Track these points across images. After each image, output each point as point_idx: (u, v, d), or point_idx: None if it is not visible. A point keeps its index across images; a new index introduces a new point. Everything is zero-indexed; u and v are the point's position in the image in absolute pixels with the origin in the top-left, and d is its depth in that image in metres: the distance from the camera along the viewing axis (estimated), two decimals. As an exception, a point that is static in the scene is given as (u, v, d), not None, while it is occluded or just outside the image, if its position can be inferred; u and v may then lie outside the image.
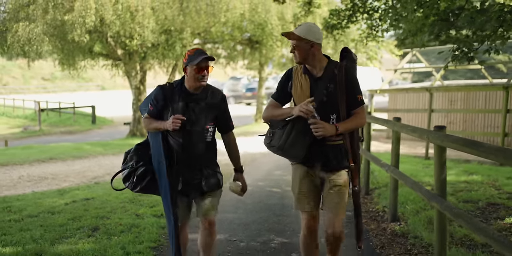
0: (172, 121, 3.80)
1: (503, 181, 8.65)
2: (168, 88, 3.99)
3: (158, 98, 3.97)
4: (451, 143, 4.18)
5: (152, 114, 4.02)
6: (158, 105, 3.97)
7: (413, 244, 5.50)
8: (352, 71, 3.87)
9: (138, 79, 21.60)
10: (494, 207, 6.89)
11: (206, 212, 4.04)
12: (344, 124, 3.77)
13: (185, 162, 3.98)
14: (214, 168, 4.14)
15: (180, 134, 3.91)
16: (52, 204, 7.32)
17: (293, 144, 3.74)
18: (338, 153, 3.85)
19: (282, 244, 5.56)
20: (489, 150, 3.50)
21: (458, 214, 4.04)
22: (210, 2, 18.39)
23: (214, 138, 4.13)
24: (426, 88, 15.63)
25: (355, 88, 3.83)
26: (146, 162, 4.04)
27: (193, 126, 3.94)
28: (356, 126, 3.87)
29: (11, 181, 10.09)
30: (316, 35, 3.81)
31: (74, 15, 16.50)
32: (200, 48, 4.19)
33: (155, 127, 3.96)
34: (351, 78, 3.83)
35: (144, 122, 4.10)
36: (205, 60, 3.88)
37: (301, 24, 3.93)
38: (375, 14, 9.97)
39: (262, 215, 6.91)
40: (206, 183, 4.02)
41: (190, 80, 3.93)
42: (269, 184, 9.47)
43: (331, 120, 3.81)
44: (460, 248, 5.14)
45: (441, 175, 4.62)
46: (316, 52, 3.83)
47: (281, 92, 4.03)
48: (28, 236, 5.53)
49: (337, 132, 3.72)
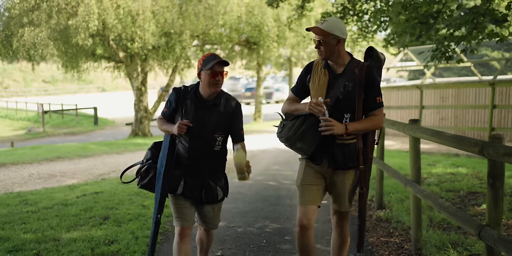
0: (177, 125, 3.73)
1: (485, 172, 9.17)
2: (182, 91, 3.89)
3: (171, 100, 3.90)
4: (422, 133, 4.76)
5: (164, 115, 3.98)
6: (171, 108, 3.91)
7: (395, 228, 6.05)
8: (373, 72, 3.73)
9: (139, 81, 22.20)
10: (474, 195, 7.45)
11: (207, 223, 4.08)
12: (355, 124, 3.66)
13: (188, 168, 3.89)
14: (218, 181, 3.99)
15: (187, 139, 3.83)
16: (64, 197, 7.90)
17: (301, 137, 3.67)
18: (346, 152, 3.75)
19: (276, 229, 6.12)
20: (449, 138, 4.09)
21: (427, 195, 4.61)
22: (208, 5, 18.99)
23: (224, 149, 3.98)
24: (417, 86, 16.16)
25: (375, 89, 3.71)
26: (155, 161, 3.98)
27: (201, 133, 3.81)
28: (369, 128, 3.74)
29: (22, 179, 10.65)
30: (342, 30, 3.71)
31: (77, 20, 17.09)
32: (215, 53, 4.08)
33: (165, 129, 3.93)
34: (371, 78, 3.70)
35: (158, 123, 4.08)
36: (218, 65, 3.75)
37: (326, 19, 3.81)
38: (365, 16, 10.48)
39: (259, 205, 7.48)
40: (206, 195, 3.92)
41: (204, 86, 3.80)
42: (267, 178, 10.05)
43: (344, 119, 3.70)
44: (437, 230, 5.68)
45: (416, 163, 5.21)
46: (341, 48, 3.74)
47: (300, 85, 3.96)
48: (46, 224, 6.11)
49: (347, 131, 3.60)
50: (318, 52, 3.76)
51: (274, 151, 14.86)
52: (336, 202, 3.94)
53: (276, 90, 45.92)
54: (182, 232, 3.90)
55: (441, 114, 17.08)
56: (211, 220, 4.06)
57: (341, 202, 3.91)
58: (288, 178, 9.89)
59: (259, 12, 20.54)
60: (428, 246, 5.12)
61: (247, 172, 3.75)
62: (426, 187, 7.89)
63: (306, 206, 3.80)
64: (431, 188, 7.93)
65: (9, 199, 7.91)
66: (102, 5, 17.34)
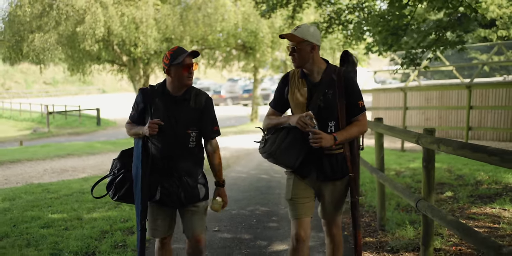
0: (148, 125, 3.52)
1: (458, 167, 10.20)
2: (149, 90, 3.71)
3: (138, 101, 3.71)
4: (381, 129, 5.84)
5: (133, 118, 3.77)
6: (139, 109, 3.72)
7: (367, 211, 7.10)
8: (351, 76, 3.63)
9: (142, 83, 23.33)
10: (442, 185, 8.46)
11: (192, 230, 3.76)
12: (343, 133, 3.52)
13: (164, 170, 3.67)
14: (196, 178, 3.77)
15: (159, 139, 3.63)
16: (80, 187, 8.97)
17: (286, 151, 3.52)
18: (334, 163, 3.63)
19: (265, 212, 7.17)
20: (398, 132, 5.19)
21: (385, 179, 5.67)
22: (207, 13, 20.13)
23: (199, 145, 3.77)
24: (401, 88, 17.19)
25: (355, 94, 3.59)
26: (128, 170, 3.72)
27: (173, 131, 3.61)
28: (356, 135, 3.62)
29: (38, 173, 11.72)
30: (316, 36, 3.58)
31: (85, 27, 18.17)
32: (180, 46, 3.79)
33: (134, 133, 3.69)
34: (351, 83, 3.58)
35: (126, 128, 3.84)
36: (189, 57, 3.60)
37: (299, 26, 3.65)
38: (349, 25, 11.53)
39: (251, 193, 8.53)
40: (185, 195, 3.69)
41: (175, 81, 3.61)
42: (259, 172, 11.13)
43: (329, 128, 3.57)
44: (401, 212, 6.71)
45: (380, 154, 6.27)
46: (316, 55, 3.60)
47: (278, 99, 3.78)
48: (69, 207, 7.18)
49: (336, 142, 3.47)
50: (292, 60, 3.63)
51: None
52: (325, 211, 3.83)
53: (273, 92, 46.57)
54: (161, 241, 3.87)
55: (426, 114, 18.15)
56: (196, 223, 3.77)
57: (330, 211, 3.82)
58: (279, 172, 10.94)
59: (254, 19, 21.67)
60: (390, 223, 6.14)
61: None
62: (401, 179, 8.96)
63: (300, 220, 3.67)
64: (405, 179, 8.95)
65: (32, 188, 8.99)
66: (107, 13, 18.44)
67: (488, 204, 6.74)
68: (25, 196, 8.16)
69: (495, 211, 6.37)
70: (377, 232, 5.98)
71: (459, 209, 6.65)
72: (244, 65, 29.55)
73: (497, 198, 7.00)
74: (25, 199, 7.93)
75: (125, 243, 5.47)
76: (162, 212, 3.77)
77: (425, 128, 4.46)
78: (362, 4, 11.32)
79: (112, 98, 58.78)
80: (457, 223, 3.63)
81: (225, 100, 45.33)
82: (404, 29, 8.06)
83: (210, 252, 5.31)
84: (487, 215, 6.22)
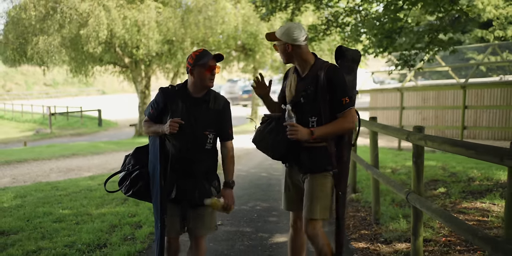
0: (169, 124, 3.53)
1: (452, 165, 10.51)
2: (170, 90, 3.73)
3: (159, 100, 3.73)
4: (375, 127, 6.18)
5: (151, 117, 3.77)
6: (158, 108, 3.72)
7: (363, 206, 7.43)
8: (335, 73, 3.57)
9: (143, 84, 23.69)
10: (435, 182, 8.76)
11: (201, 228, 3.82)
12: (322, 129, 3.54)
13: (181, 169, 3.71)
14: (212, 180, 3.83)
15: (177, 138, 3.66)
16: (87, 185, 9.31)
17: (260, 141, 3.74)
18: (315, 156, 3.65)
19: (266, 207, 7.51)
20: (391, 130, 5.56)
21: (379, 175, 6.00)
22: (207, 16, 20.48)
23: (215, 148, 3.83)
24: (398, 88, 17.53)
25: (338, 90, 3.53)
26: (142, 166, 3.79)
27: (192, 131, 3.66)
28: (337, 131, 3.59)
29: (44, 172, 12.06)
30: (291, 36, 3.60)
31: (88, 30, 18.51)
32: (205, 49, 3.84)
33: (154, 131, 3.71)
34: (335, 79, 3.53)
35: (144, 126, 3.84)
36: (213, 60, 3.66)
37: (282, 25, 3.76)
38: (347, 27, 11.86)
39: (252, 190, 8.87)
40: (199, 194, 3.72)
41: (197, 82, 3.66)
42: (260, 170, 11.48)
43: (310, 123, 3.60)
44: (395, 207, 7.04)
45: (374, 152, 6.59)
46: (297, 52, 3.65)
47: (280, 92, 3.97)
48: (78, 203, 7.51)
49: (313, 136, 3.49)
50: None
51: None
52: (305, 207, 3.71)
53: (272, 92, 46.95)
54: (169, 241, 3.86)
55: (423, 114, 18.49)
56: (206, 222, 3.81)
57: (306, 205, 3.69)
58: (279, 170, 11.28)
59: (254, 21, 22.03)
60: (385, 217, 6.46)
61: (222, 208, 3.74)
62: (396, 176, 9.28)
63: (296, 211, 3.88)
64: (400, 176, 9.27)
65: (41, 186, 9.33)
66: (110, 16, 18.79)
67: (478, 199, 7.01)
68: (36, 193, 8.51)
69: (485, 206, 6.64)
70: (372, 225, 6.29)
71: (450, 204, 6.95)
72: (244, 66, 29.87)
73: (488, 194, 7.26)
74: (35, 196, 8.28)
75: (134, 236, 5.79)
76: (174, 213, 3.76)
77: (414, 126, 4.79)
78: (359, 7, 11.66)
79: (112, 99, 59.10)
80: (442, 211, 3.96)
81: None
82: (398, 32, 8.41)
83: (215, 244, 5.62)
84: (477, 209, 6.49)
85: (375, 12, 11.30)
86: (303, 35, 3.64)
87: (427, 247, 5.16)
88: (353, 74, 3.71)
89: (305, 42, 3.69)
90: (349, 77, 3.67)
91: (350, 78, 3.68)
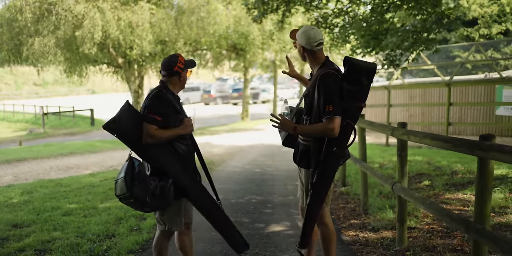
0: (186, 124, 3.83)
1: (437, 160, 11.00)
2: (165, 94, 3.83)
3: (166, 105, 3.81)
4: (362, 124, 6.66)
5: (160, 124, 3.72)
6: (167, 114, 3.77)
7: (352, 198, 7.88)
8: (324, 81, 3.70)
9: (136, 84, 24.04)
10: (420, 176, 9.23)
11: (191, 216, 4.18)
12: (304, 127, 3.80)
13: (191, 166, 4.00)
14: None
15: (188, 136, 3.96)
16: (89, 181, 9.72)
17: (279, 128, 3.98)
18: (302, 152, 3.99)
19: (261, 200, 7.95)
20: (376, 126, 6.01)
21: (367, 167, 6.47)
22: (200, 17, 20.88)
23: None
24: (385, 86, 18.02)
25: (322, 98, 3.67)
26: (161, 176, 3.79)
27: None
28: (314, 133, 3.76)
29: (44, 170, 12.42)
30: (304, 40, 3.81)
31: (83, 31, 18.84)
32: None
33: (176, 133, 3.79)
34: (321, 87, 3.68)
35: (155, 134, 3.69)
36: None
37: (305, 25, 4.07)
38: (335, 29, 12.31)
39: (247, 185, 9.31)
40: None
41: (181, 84, 3.99)
42: (253, 167, 11.92)
43: (304, 121, 3.92)
44: (382, 199, 7.50)
45: (362, 147, 7.06)
46: (308, 55, 3.90)
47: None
48: (83, 198, 7.92)
49: (294, 131, 3.79)
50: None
51: (260, 146, 16.89)
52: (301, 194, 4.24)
53: (262, 91, 47.47)
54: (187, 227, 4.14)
55: (410, 111, 18.98)
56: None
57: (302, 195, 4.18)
58: (272, 166, 11.75)
59: (245, 22, 22.48)
60: (372, 208, 6.92)
61: None
62: (384, 170, 9.76)
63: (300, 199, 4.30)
64: (387, 171, 9.74)
65: (45, 183, 9.72)
66: (105, 18, 19.12)
67: (460, 191, 7.48)
68: (41, 190, 8.91)
69: (466, 197, 7.09)
70: (361, 215, 6.74)
71: (434, 195, 7.42)
72: (234, 65, 30.26)
73: (470, 186, 7.71)
74: (41, 192, 8.67)
75: (140, 227, 6.22)
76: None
77: (398, 122, 5.25)
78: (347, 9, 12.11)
79: (102, 98, 59.10)
80: (423, 199, 4.43)
81: (215, 99, 45.88)
82: (384, 33, 8.88)
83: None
84: (458, 200, 6.96)
85: (363, 13, 11.74)
86: (315, 41, 3.79)
87: (411, 233, 5.60)
88: (359, 86, 3.71)
89: (318, 47, 3.86)
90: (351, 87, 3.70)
91: (353, 89, 3.71)
